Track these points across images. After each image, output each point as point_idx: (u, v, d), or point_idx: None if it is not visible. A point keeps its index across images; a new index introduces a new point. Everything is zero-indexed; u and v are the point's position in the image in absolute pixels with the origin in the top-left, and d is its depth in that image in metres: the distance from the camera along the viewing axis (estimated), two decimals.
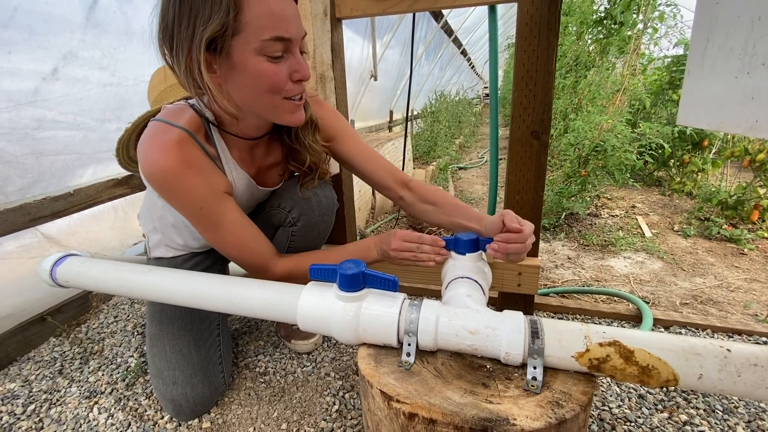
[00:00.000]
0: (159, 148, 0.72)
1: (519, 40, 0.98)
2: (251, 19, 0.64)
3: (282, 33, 0.67)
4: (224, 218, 0.79)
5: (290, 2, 0.70)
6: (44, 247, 1.34)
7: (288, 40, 0.69)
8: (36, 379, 1.14)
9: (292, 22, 0.69)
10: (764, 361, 0.52)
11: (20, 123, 1.19)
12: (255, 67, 0.68)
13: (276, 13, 0.66)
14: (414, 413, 0.53)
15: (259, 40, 0.66)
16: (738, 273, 1.76)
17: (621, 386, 1.01)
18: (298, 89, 0.75)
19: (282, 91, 0.73)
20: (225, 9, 0.62)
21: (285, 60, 0.70)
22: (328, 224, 1.03)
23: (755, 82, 0.37)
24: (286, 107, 0.75)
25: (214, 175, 0.79)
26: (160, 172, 0.71)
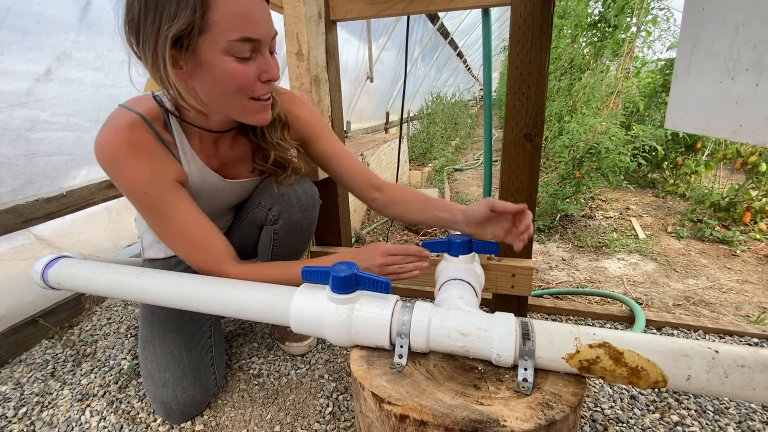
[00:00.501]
0: (110, 129, 0.72)
1: (512, 44, 0.99)
2: (219, 18, 0.63)
3: (250, 34, 0.66)
4: (172, 208, 0.77)
5: (261, 2, 0.69)
6: (37, 248, 1.33)
7: (257, 41, 0.68)
8: (28, 382, 1.13)
9: (262, 22, 0.68)
10: (751, 362, 0.52)
11: (13, 124, 1.18)
12: (222, 66, 0.67)
13: (245, 13, 0.65)
14: (405, 415, 0.53)
15: (227, 40, 0.65)
16: (730, 274, 1.77)
17: (613, 387, 1.02)
18: (266, 89, 0.74)
19: (249, 92, 0.72)
20: (192, 7, 0.61)
21: (253, 60, 0.70)
22: (311, 221, 1.01)
23: (740, 87, 0.38)
24: (252, 107, 0.75)
25: (165, 162, 0.77)
26: (107, 151, 0.71)
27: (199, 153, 0.85)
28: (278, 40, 2.37)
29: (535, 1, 0.94)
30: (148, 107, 0.77)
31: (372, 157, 2.56)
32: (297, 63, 1.07)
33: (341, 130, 1.27)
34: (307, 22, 1.04)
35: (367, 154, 2.47)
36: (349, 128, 3.90)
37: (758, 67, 0.35)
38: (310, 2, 1.04)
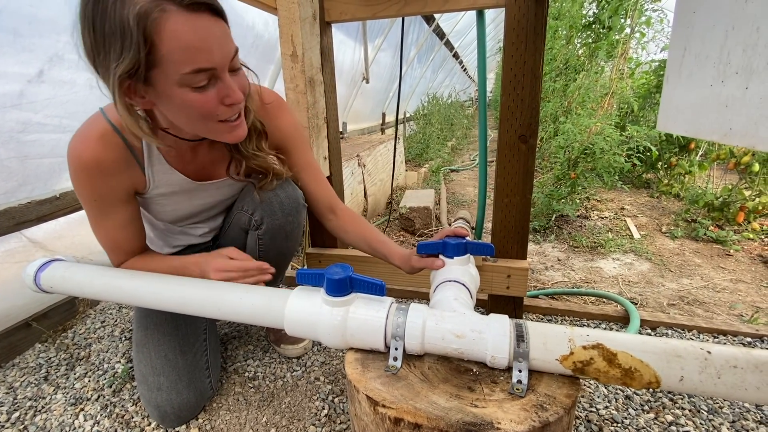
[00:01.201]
0: (80, 137, 0.75)
1: (506, 45, 0.99)
2: (167, 53, 0.60)
3: (202, 64, 0.63)
4: (111, 217, 0.83)
5: (211, 26, 0.63)
6: (30, 251, 1.32)
7: (211, 70, 0.64)
8: (21, 386, 1.12)
9: (214, 50, 0.63)
10: (743, 363, 0.53)
11: (5, 126, 1.17)
12: (180, 98, 0.66)
13: (193, 45, 0.61)
14: (399, 418, 0.53)
15: (179, 73, 0.62)
16: (724, 274, 1.79)
17: (608, 387, 1.02)
18: (232, 112, 0.71)
19: (214, 117, 0.70)
20: (135, 47, 0.58)
21: (213, 86, 0.67)
22: (295, 225, 1.00)
23: (729, 91, 0.38)
24: (221, 128, 0.73)
25: (125, 174, 0.80)
26: (70, 159, 0.75)
27: (170, 158, 0.85)
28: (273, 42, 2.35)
29: (529, 3, 0.95)
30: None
31: (368, 158, 2.56)
32: (292, 65, 1.07)
33: (336, 131, 1.26)
34: (302, 24, 1.03)
35: (363, 155, 2.47)
36: (345, 129, 3.89)
37: (747, 70, 0.35)
38: (305, 4, 1.04)
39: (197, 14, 0.60)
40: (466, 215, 1.34)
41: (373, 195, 2.59)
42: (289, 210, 0.97)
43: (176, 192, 0.90)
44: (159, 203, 0.91)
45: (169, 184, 0.87)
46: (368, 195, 2.52)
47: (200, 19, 0.61)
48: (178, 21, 0.59)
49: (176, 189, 0.89)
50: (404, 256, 0.92)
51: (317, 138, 1.16)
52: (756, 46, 0.34)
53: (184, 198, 0.92)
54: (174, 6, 0.58)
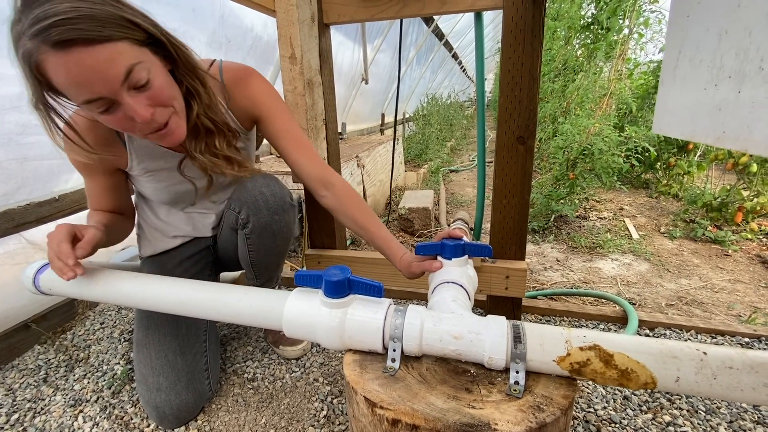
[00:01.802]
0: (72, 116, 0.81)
1: (504, 47, 0.99)
2: (59, 86, 0.64)
3: (88, 96, 0.64)
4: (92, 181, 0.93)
5: (84, 59, 0.61)
6: (29, 253, 1.32)
7: (98, 99, 0.65)
8: (20, 388, 1.12)
9: (94, 81, 0.63)
10: (739, 363, 0.53)
11: (4, 128, 1.17)
12: (95, 117, 0.70)
13: (72, 82, 0.62)
14: (397, 419, 0.53)
15: (77, 104, 0.67)
16: (722, 274, 1.79)
17: (606, 388, 1.03)
18: (149, 127, 0.72)
19: (135, 130, 0.72)
20: (34, 81, 0.63)
21: (119, 107, 0.67)
22: (282, 224, 0.98)
23: (722, 94, 0.38)
24: (153, 138, 0.76)
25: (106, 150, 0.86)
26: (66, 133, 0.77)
27: None
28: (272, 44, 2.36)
29: (527, 5, 0.95)
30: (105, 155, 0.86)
31: (367, 158, 2.56)
32: (290, 66, 1.07)
33: (335, 132, 1.27)
34: (300, 26, 1.04)
35: (362, 155, 2.47)
36: (345, 130, 3.90)
37: (740, 74, 0.36)
38: (303, 6, 1.04)
39: (67, 51, 0.60)
40: (465, 216, 1.35)
41: (372, 196, 2.59)
42: (275, 208, 0.96)
43: (162, 166, 0.92)
44: (150, 180, 0.93)
45: (151, 157, 0.90)
46: (367, 196, 2.52)
47: (71, 56, 0.60)
48: (53, 62, 0.60)
49: (161, 162, 0.92)
50: (406, 261, 0.90)
51: (316, 139, 1.16)
52: (748, 51, 0.34)
53: (172, 171, 0.93)
54: (47, 47, 0.59)
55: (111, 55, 0.63)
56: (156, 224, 1.07)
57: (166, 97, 0.72)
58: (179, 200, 1.01)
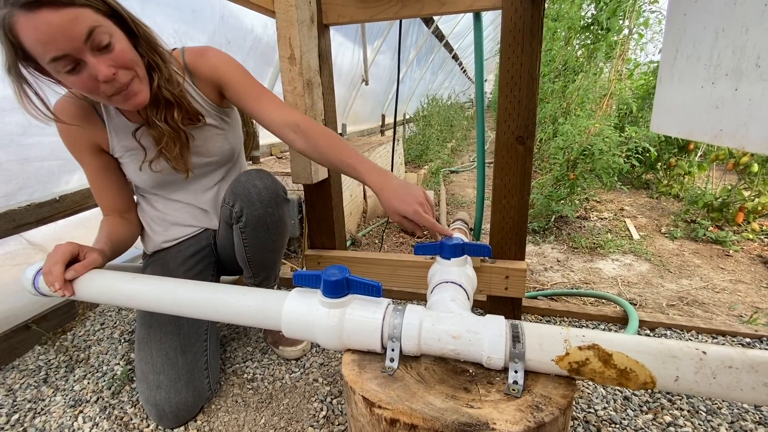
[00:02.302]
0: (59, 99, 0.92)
1: (503, 47, 0.99)
2: (29, 48, 0.70)
3: (53, 53, 0.70)
4: (85, 166, 1.00)
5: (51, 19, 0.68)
6: (29, 254, 1.32)
7: (66, 56, 0.71)
8: (20, 388, 1.13)
9: (58, 39, 0.69)
10: (739, 363, 0.53)
11: (5, 129, 1.18)
12: (62, 80, 0.76)
13: (39, 40, 0.68)
14: (395, 419, 0.53)
15: (44, 63, 0.72)
16: (723, 274, 1.79)
17: (606, 388, 1.02)
18: (112, 87, 0.78)
19: (99, 92, 0.78)
20: (7, 46, 0.70)
21: (84, 67, 0.74)
22: (276, 217, 0.99)
23: (719, 92, 0.38)
24: (116, 100, 0.81)
25: (87, 128, 0.94)
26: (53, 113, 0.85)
27: (126, 111, 0.96)
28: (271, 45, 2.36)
29: (526, 5, 0.95)
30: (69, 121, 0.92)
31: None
32: (289, 67, 1.08)
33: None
34: (300, 27, 1.04)
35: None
36: (345, 131, 3.90)
37: (737, 72, 0.36)
38: (303, 7, 1.05)
39: (36, 12, 0.67)
40: (465, 216, 1.34)
41: (372, 196, 2.59)
42: (268, 201, 0.97)
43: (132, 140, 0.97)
44: (131, 159, 0.99)
45: (126, 133, 0.97)
46: (367, 197, 2.53)
47: (39, 16, 0.67)
48: (22, 23, 0.67)
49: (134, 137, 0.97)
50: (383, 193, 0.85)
51: None
52: (745, 48, 0.34)
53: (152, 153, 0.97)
54: (17, 9, 0.67)
55: (74, 16, 0.70)
56: (154, 215, 1.10)
57: (127, 60, 0.79)
58: (163, 182, 1.04)
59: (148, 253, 1.13)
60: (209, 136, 1.03)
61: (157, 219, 1.10)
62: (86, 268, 0.86)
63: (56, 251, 0.84)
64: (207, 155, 1.04)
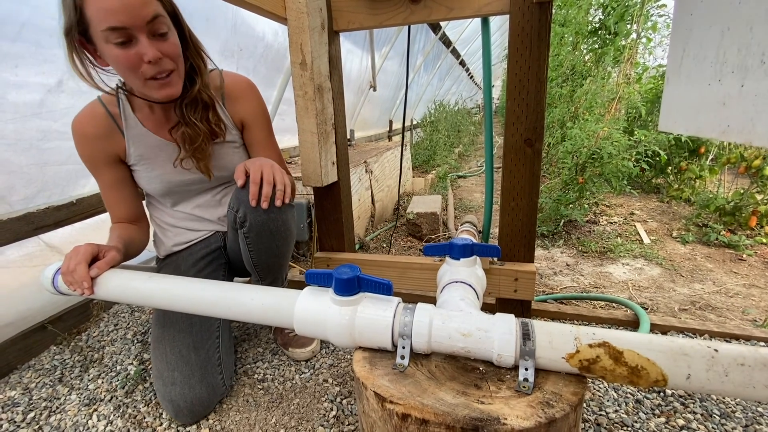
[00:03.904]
0: (78, 113, 0.98)
1: (511, 51, 1.01)
2: (90, 14, 0.77)
3: (113, 23, 0.76)
4: (101, 177, 1.04)
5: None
6: (46, 255, 1.36)
7: (123, 29, 0.77)
8: (36, 387, 1.15)
9: (126, 11, 0.76)
10: (751, 361, 0.53)
11: (26, 134, 1.22)
12: (108, 53, 0.81)
13: (106, 7, 0.75)
14: (407, 414, 0.53)
15: (99, 30, 0.78)
16: (737, 279, 1.76)
17: (618, 391, 1.02)
18: (155, 69, 0.83)
19: (138, 73, 0.83)
20: (70, 10, 0.77)
21: (134, 45, 0.80)
22: (280, 223, 0.99)
23: (726, 89, 0.39)
24: (151, 85, 0.86)
25: (107, 140, 0.99)
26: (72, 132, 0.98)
27: (147, 122, 1.01)
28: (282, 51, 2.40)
29: (533, 10, 0.96)
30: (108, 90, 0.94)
31: (375, 164, 2.58)
32: (301, 72, 1.10)
33: (344, 137, 1.29)
34: (311, 33, 1.06)
35: (370, 161, 2.50)
36: (353, 136, 3.93)
37: (742, 69, 0.36)
38: (314, 14, 1.07)
39: None
40: (473, 219, 1.35)
41: (380, 201, 2.61)
42: (271, 207, 0.96)
43: (156, 154, 1.03)
44: (145, 168, 1.04)
45: (147, 145, 1.02)
46: (375, 201, 2.54)
47: None
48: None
49: (155, 151, 1.03)
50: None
51: (325, 144, 1.18)
52: (750, 46, 0.35)
53: (164, 160, 1.04)
54: None
55: (146, 1, 0.79)
56: (167, 219, 1.14)
57: (175, 54, 0.87)
58: (172, 191, 1.09)
59: (161, 257, 1.17)
60: (227, 151, 1.08)
61: (168, 224, 1.14)
62: (108, 265, 0.89)
63: (77, 252, 0.87)
64: (222, 170, 1.09)
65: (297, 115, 1.14)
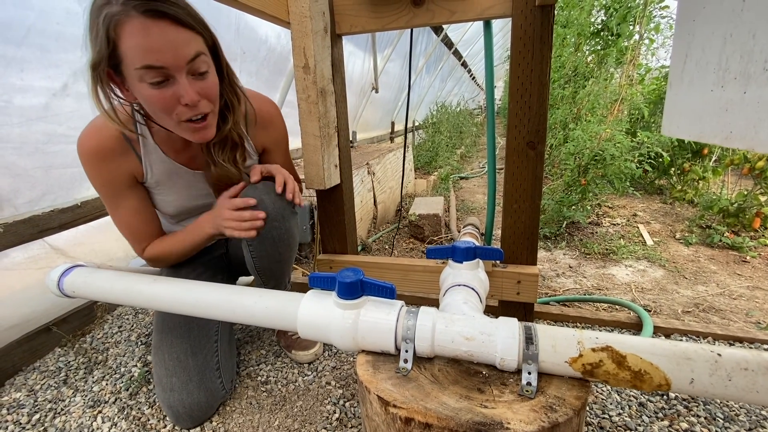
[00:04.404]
0: (84, 132, 0.87)
1: (513, 54, 1.01)
2: (125, 50, 0.71)
3: (151, 62, 0.71)
4: (122, 202, 0.94)
5: (167, 31, 0.71)
6: (51, 258, 1.37)
7: (161, 68, 0.72)
8: (41, 389, 1.16)
9: (165, 50, 0.71)
10: (754, 365, 0.53)
11: (31, 137, 1.23)
12: (140, 92, 0.75)
13: (144, 45, 0.70)
14: (410, 418, 0.54)
15: (134, 68, 0.72)
16: (740, 281, 1.75)
17: (621, 394, 1.01)
18: (190, 112, 0.78)
19: (173, 115, 0.78)
20: (101, 43, 0.70)
21: (170, 85, 0.74)
22: (283, 231, 0.99)
23: (728, 95, 0.39)
24: (185, 127, 0.81)
25: (120, 164, 0.90)
26: (80, 152, 0.87)
27: (165, 147, 0.94)
28: (285, 54, 2.41)
29: (535, 13, 0.97)
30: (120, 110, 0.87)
31: (378, 166, 2.59)
32: (304, 76, 1.10)
33: (347, 139, 1.29)
34: (314, 37, 1.07)
35: (372, 163, 2.50)
36: (355, 138, 3.94)
37: (745, 75, 0.36)
38: (317, 18, 1.08)
39: (155, 21, 0.70)
40: (476, 221, 1.35)
41: (382, 203, 2.61)
42: (275, 215, 0.96)
43: (175, 181, 0.98)
44: (161, 192, 0.99)
45: (166, 172, 0.96)
46: (378, 203, 2.54)
47: (157, 25, 0.70)
48: (136, 24, 0.69)
49: (175, 178, 0.98)
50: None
51: (328, 146, 1.18)
52: (752, 53, 0.35)
53: (183, 187, 1.00)
54: (136, 13, 0.69)
55: (189, 38, 0.74)
56: (170, 228, 1.11)
57: (213, 94, 0.81)
58: (182, 214, 1.06)
59: None
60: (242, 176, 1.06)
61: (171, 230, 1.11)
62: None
63: (227, 209, 0.89)
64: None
65: (300, 118, 1.15)
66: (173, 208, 1.02)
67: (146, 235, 0.99)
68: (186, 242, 0.99)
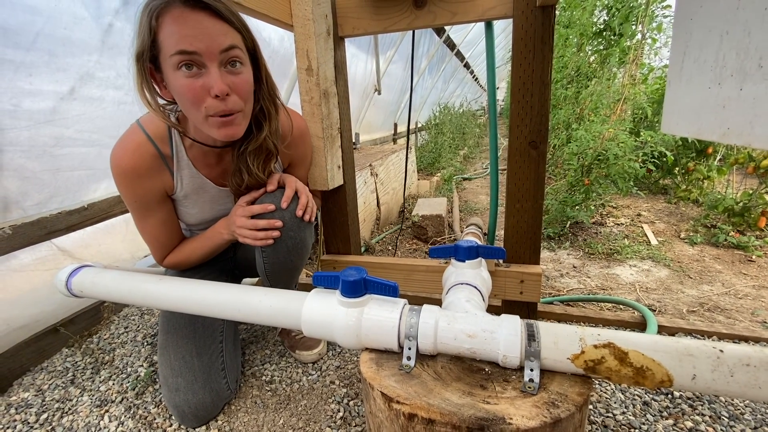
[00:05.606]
0: (121, 147, 0.88)
1: (515, 54, 1.02)
2: (163, 38, 0.73)
3: (184, 47, 0.72)
4: (146, 216, 0.95)
5: (204, 20, 0.73)
6: (59, 259, 1.38)
7: (193, 53, 0.73)
8: (49, 389, 1.17)
9: (200, 36, 0.72)
10: (757, 361, 0.53)
11: (39, 141, 1.25)
12: (175, 82, 0.75)
13: (181, 30, 0.72)
14: (413, 414, 0.54)
15: (169, 55, 0.73)
16: (746, 280, 1.74)
17: (625, 393, 1.01)
18: (219, 107, 0.77)
19: (202, 107, 0.77)
20: (144, 33, 0.73)
21: (202, 75, 0.75)
22: (298, 240, 0.98)
23: (726, 92, 0.40)
24: (212, 122, 0.80)
25: (153, 180, 0.91)
26: (113, 168, 0.88)
27: (197, 162, 0.95)
28: (287, 57, 2.42)
29: (536, 13, 0.97)
30: (156, 125, 0.89)
31: (381, 167, 2.60)
32: (307, 78, 1.12)
33: (350, 141, 1.30)
34: (317, 39, 1.08)
35: (375, 164, 2.51)
36: (358, 140, 3.95)
37: (741, 72, 0.37)
38: (320, 21, 1.09)
39: (194, 11, 0.72)
40: (479, 221, 1.36)
41: (385, 204, 2.62)
42: (290, 225, 0.96)
43: (201, 196, 1.00)
44: (185, 205, 1.00)
45: (195, 187, 0.98)
46: (381, 204, 2.55)
47: (195, 14, 0.72)
48: (175, 13, 0.72)
49: (202, 193, 0.99)
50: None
51: (331, 148, 1.19)
52: (748, 50, 0.36)
53: (207, 201, 1.01)
54: (177, 3, 0.72)
55: (225, 31, 0.75)
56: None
57: (245, 92, 0.81)
58: (200, 225, 1.07)
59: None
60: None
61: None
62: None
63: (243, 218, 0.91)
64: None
65: None
66: (195, 220, 1.04)
67: (170, 247, 1.02)
68: (204, 248, 1.02)
